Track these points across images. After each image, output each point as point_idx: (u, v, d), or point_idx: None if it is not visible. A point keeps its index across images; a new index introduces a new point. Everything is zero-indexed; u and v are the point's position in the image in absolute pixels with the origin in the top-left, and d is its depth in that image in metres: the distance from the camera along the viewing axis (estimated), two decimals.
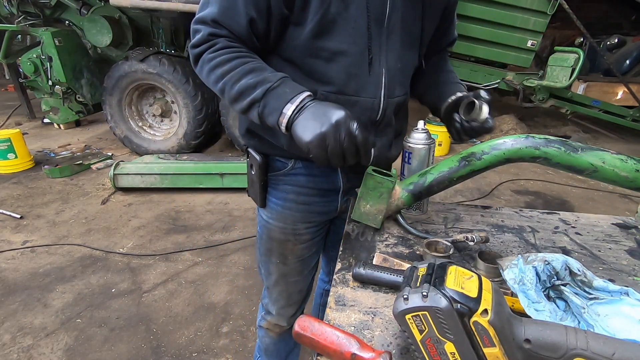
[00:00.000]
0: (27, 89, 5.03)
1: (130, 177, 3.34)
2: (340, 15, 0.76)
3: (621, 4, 6.24)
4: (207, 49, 0.77)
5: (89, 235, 2.74)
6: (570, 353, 0.46)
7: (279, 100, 0.72)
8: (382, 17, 0.80)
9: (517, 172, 3.96)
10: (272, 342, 1.29)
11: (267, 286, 1.17)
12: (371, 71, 0.84)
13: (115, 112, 4.18)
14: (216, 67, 0.76)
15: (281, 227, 1.03)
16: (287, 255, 1.08)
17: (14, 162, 3.79)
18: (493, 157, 0.81)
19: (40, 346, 1.79)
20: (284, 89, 0.73)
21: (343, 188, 1.01)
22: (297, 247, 1.07)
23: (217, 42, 0.77)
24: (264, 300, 1.22)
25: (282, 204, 1.00)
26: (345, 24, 0.77)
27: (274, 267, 1.11)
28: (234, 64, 0.76)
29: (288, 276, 1.12)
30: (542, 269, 0.64)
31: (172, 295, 2.15)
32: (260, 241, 1.10)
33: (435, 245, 0.81)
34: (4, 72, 7.37)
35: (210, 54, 0.77)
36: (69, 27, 4.79)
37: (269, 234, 1.06)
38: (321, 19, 0.76)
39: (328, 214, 1.06)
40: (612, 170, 0.75)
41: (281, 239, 1.05)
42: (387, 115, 0.91)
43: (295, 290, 1.16)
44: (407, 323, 0.49)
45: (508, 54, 4.35)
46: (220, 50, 0.76)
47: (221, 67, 0.76)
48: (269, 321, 1.23)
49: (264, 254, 1.11)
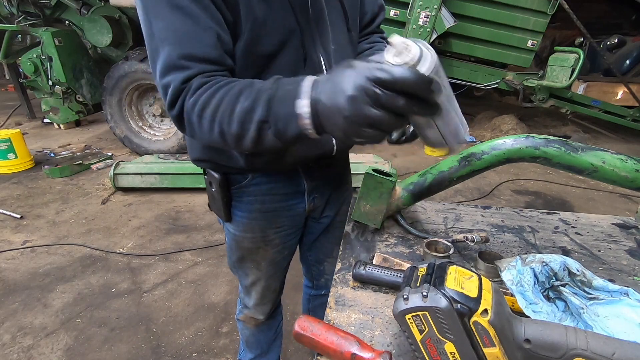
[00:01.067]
0: (27, 89, 5.02)
1: (130, 177, 3.34)
2: (268, 16, 0.72)
3: (621, 4, 6.24)
4: (184, 99, 0.64)
5: (89, 235, 2.74)
6: (570, 353, 0.46)
7: (286, 105, 0.56)
8: (306, 6, 0.78)
9: (517, 172, 3.96)
10: (251, 334, 1.32)
11: (244, 285, 1.18)
12: (308, 64, 0.81)
13: (115, 112, 4.18)
14: (203, 111, 0.63)
15: (250, 236, 1.01)
16: (259, 261, 1.07)
17: (14, 162, 3.79)
18: (493, 157, 0.81)
19: (40, 346, 1.79)
20: (283, 89, 0.58)
21: (308, 188, 0.99)
22: (269, 252, 1.05)
23: (190, 85, 0.64)
24: (241, 294, 1.25)
25: (247, 215, 0.97)
26: (274, 23, 0.74)
27: (249, 270, 1.11)
28: (220, 96, 0.62)
29: (262, 280, 1.12)
30: (540, 270, 0.64)
31: (172, 295, 2.15)
32: (231, 251, 1.08)
33: (435, 245, 0.81)
34: (4, 72, 7.38)
35: (189, 99, 0.63)
36: (69, 27, 4.79)
37: (238, 244, 1.04)
38: (252, 25, 0.71)
39: (296, 216, 1.04)
40: (612, 170, 0.75)
41: (252, 247, 1.03)
42: None
43: (269, 290, 1.18)
44: (407, 323, 0.49)
45: (508, 54, 4.35)
46: (198, 91, 0.63)
47: (208, 108, 0.62)
48: (245, 314, 1.26)
49: (237, 261, 1.10)
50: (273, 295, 1.21)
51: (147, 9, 0.66)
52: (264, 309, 1.22)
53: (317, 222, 1.13)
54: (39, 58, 4.39)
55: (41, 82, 4.52)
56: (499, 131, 5.12)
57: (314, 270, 1.33)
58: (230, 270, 1.19)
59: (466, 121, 0.65)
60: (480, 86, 4.66)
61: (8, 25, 4.61)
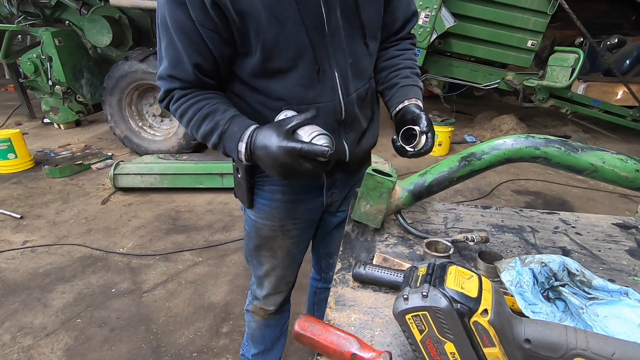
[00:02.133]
0: (27, 89, 5.02)
1: (130, 177, 3.34)
2: (280, 35, 0.77)
3: (621, 4, 6.24)
4: (169, 102, 0.86)
5: (89, 235, 2.74)
6: (570, 353, 0.46)
7: (232, 142, 0.80)
8: (322, 24, 0.80)
9: (517, 172, 3.96)
10: (258, 327, 1.34)
11: (257, 276, 1.21)
12: (322, 78, 0.85)
13: (115, 112, 4.18)
14: (181, 117, 0.85)
15: (269, 224, 1.06)
16: (276, 250, 1.12)
17: (14, 162, 3.79)
18: (493, 157, 0.81)
19: (40, 346, 1.80)
20: (232, 129, 0.80)
21: (326, 184, 1.04)
22: (286, 242, 1.10)
23: (173, 95, 0.84)
24: (253, 286, 1.28)
25: (269, 204, 1.03)
26: (287, 42, 0.79)
27: (264, 259, 1.15)
28: (192, 111, 0.83)
29: (277, 269, 1.16)
30: (539, 271, 0.64)
31: (172, 295, 2.15)
32: (249, 238, 1.14)
33: (435, 245, 0.81)
34: (4, 72, 7.38)
35: (172, 105, 0.86)
36: (69, 27, 4.79)
37: (257, 231, 1.09)
38: (264, 44, 0.78)
39: (314, 209, 1.09)
40: (612, 170, 0.75)
41: (270, 236, 1.09)
42: (351, 112, 0.92)
43: (283, 281, 1.21)
44: (407, 323, 0.49)
45: (508, 54, 4.35)
46: (178, 102, 0.84)
47: (184, 116, 0.84)
48: (255, 305, 1.28)
49: (254, 249, 1.14)
50: (286, 287, 1.24)
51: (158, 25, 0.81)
52: (275, 300, 1.25)
53: (333, 216, 1.16)
54: (39, 58, 4.39)
55: (41, 82, 4.52)
56: (499, 131, 5.12)
57: (323, 262, 1.35)
58: (245, 259, 1.23)
59: (466, 121, 0.67)
60: (480, 86, 4.66)
61: (8, 25, 4.62)
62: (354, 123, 0.96)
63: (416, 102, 0.93)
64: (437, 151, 4.56)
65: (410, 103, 0.92)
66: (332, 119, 0.90)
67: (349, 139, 0.96)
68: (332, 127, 0.89)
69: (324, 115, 0.88)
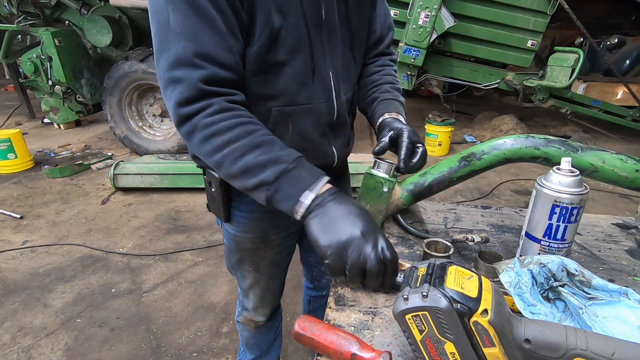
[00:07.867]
0: (27, 89, 5.03)
1: (130, 177, 3.34)
2: (282, 27, 0.73)
3: (621, 4, 6.24)
4: (201, 111, 0.65)
5: (89, 235, 2.74)
6: (570, 353, 0.46)
7: (295, 187, 0.64)
8: (320, 21, 0.79)
9: (517, 172, 3.96)
10: (251, 335, 1.31)
11: (242, 288, 1.17)
12: (317, 77, 0.82)
13: (115, 112, 4.18)
14: (213, 136, 0.65)
15: (250, 237, 0.99)
16: (259, 263, 1.06)
17: (14, 162, 3.79)
18: (493, 157, 0.81)
19: (40, 346, 1.79)
20: (300, 172, 0.65)
21: None
22: (269, 253, 1.05)
23: (212, 104, 0.65)
24: (240, 297, 1.23)
25: (248, 216, 0.96)
26: (288, 34, 0.75)
27: (247, 273, 1.09)
28: (236, 133, 0.65)
29: (261, 282, 1.11)
30: (538, 272, 0.63)
31: (172, 295, 2.15)
32: (230, 252, 1.07)
33: (435, 245, 0.81)
34: (4, 72, 7.38)
35: (206, 118, 0.65)
36: (69, 27, 4.79)
37: (237, 245, 1.03)
38: (269, 34, 0.72)
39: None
40: (612, 170, 0.75)
41: (251, 248, 1.02)
42: (341, 115, 0.91)
43: (268, 292, 1.16)
44: (407, 323, 0.49)
45: (508, 54, 4.35)
46: (218, 115, 0.65)
47: (220, 137, 0.65)
48: (245, 316, 1.24)
49: (236, 263, 1.08)
50: (272, 297, 1.19)
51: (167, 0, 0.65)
52: (263, 311, 1.21)
53: None
54: (39, 58, 4.39)
55: (41, 82, 4.53)
56: (499, 131, 5.12)
57: (314, 271, 1.32)
58: (229, 271, 1.18)
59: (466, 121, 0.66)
60: (480, 86, 4.66)
61: (8, 25, 4.62)
62: (342, 127, 0.94)
63: (397, 116, 0.89)
64: (437, 151, 4.56)
65: (391, 117, 0.88)
66: (325, 121, 0.87)
67: (337, 144, 0.93)
68: (322, 130, 0.87)
69: (316, 116, 0.85)
